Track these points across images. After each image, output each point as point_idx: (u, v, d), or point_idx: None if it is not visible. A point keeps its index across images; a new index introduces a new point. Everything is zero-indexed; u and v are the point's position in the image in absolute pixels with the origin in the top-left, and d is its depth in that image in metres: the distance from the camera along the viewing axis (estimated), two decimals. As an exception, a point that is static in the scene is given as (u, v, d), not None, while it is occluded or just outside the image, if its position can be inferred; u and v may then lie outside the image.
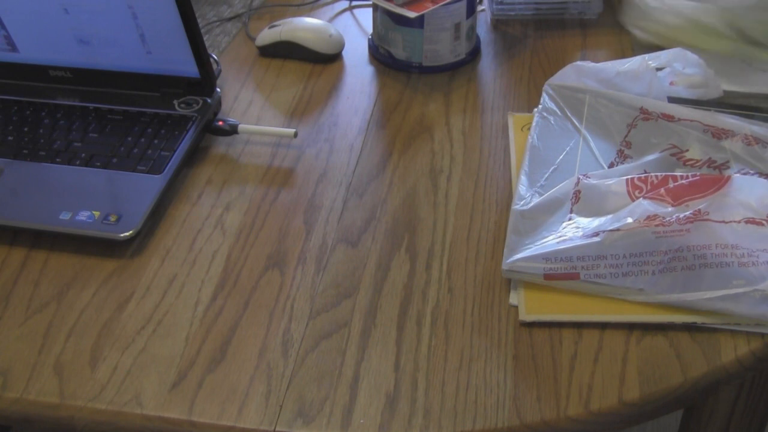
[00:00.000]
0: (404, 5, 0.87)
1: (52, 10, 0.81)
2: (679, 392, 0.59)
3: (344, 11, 1.06)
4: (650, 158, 0.73)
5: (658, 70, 0.82)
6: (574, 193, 0.69)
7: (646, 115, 0.78)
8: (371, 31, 0.98)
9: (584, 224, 0.66)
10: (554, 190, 0.70)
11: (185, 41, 0.80)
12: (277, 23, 0.96)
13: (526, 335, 0.63)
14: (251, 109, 0.88)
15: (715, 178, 0.66)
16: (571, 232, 0.66)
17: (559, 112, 0.80)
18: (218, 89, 0.85)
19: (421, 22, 0.89)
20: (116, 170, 0.76)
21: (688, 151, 0.74)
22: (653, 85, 0.80)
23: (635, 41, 0.93)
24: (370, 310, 0.65)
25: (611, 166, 0.74)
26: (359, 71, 0.94)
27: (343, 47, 0.97)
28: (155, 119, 0.81)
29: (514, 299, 0.65)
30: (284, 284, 0.67)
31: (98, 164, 0.76)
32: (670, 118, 0.77)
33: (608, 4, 1.03)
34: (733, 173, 0.69)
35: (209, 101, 0.83)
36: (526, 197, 0.70)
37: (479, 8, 1.00)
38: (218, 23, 1.03)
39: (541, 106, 0.80)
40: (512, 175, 0.77)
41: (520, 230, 0.68)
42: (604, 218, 0.66)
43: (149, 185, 0.74)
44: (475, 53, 0.96)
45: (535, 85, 0.90)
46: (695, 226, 0.63)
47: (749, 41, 0.86)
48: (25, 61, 0.86)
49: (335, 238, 0.72)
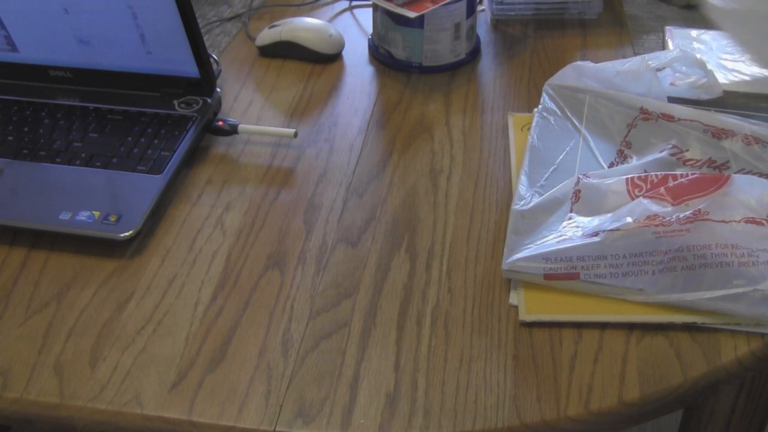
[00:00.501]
0: (404, 5, 0.87)
1: (52, 10, 0.81)
2: (679, 392, 0.59)
3: (344, 11, 1.06)
4: (650, 158, 0.73)
5: (658, 70, 0.82)
6: (573, 192, 0.69)
7: (646, 115, 0.78)
8: (371, 31, 0.98)
9: (584, 223, 0.66)
10: (554, 190, 0.70)
11: (185, 41, 0.80)
12: (277, 23, 0.96)
13: (526, 335, 0.63)
14: (251, 109, 0.88)
15: (715, 177, 0.66)
16: (570, 231, 0.66)
17: (559, 112, 0.80)
18: (218, 89, 0.85)
19: (421, 22, 0.89)
20: (116, 170, 0.76)
21: (688, 151, 0.74)
22: (653, 85, 0.80)
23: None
24: (370, 310, 0.65)
25: (611, 166, 0.74)
26: (359, 71, 0.94)
27: (343, 47, 0.97)
28: (155, 119, 0.81)
29: (514, 299, 0.65)
30: (284, 284, 0.67)
31: (98, 164, 0.76)
32: (670, 118, 0.77)
33: (608, 4, 1.04)
34: (732, 173, 0.69)
35: (209, 101, 0.83)
36: (526, 197, 0.71)
37: (479, 8, 1.00)
38: (218, 23, 1.03)
39: (541, 106, 0.81)
40: (512, 175, 0.77)
41: (520, 230, 0.68)
42: (603, 217, 0.66)
43: (149, 185, 0.74)
44: (475, 53, 0.96)
45: (535, 85, 0.90)
46: (695, 225, 0.63)
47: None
48: (25, 61, 0.86)
49: (335, 238, 0.72)
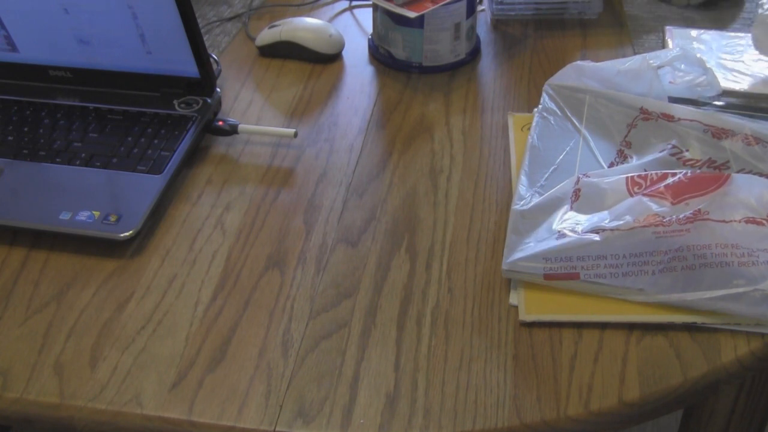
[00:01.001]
0: (404, 5, 0.87)
1: (52, 10, 0.81)
2: (679, 392, 0.59)
3: (344, 11, 1.06)
4: (650, 158, 0.73)
5: (658, 68, 0.82)
6: (574, 191, 0.69)
7: (646, 115, 0.78)
8: (371, 31, 0.98)
9: (583, 220, 0.66)
10: (554, 189, 0.70)
11: (185, 41, 0.80)
12: (277, 23, 0.96)
13: (526, 335, 0.62)
14: (251, 109, 0.88)
15: (715, 176, 0.66)
16: (569, 226, 0.66)
17: (559, 112, 0.80)
18: (218, 89, 0.85)
19: (421, 22, 0.89)
20: (116, 170, 0.76)
21: (688, 151, 0.74)
22: (654, 84, 0.80)
23: None
24: (370, 310, 0.65)
25: (611, 166, 0.74)
26: (359, 71, 0.94)
27: (343, 47, 0.97)
28: (155, 119, 0.81)
29: (514, 299, 0.65)
30: (284, 284, 0.67)
31: (98, 164, 0.76)
32: (670, 118, 0.77)
33: (608, 4, 1.04)
34: (733, 173, 0.69)
35: (209, 101, 0.83)
36: (526, 197, 0.70)
37: (479, 8, 1.00)
38: (218, 23, 1.03)
39: (541, 106, 0.80)
40: (512, 175, 0.77)
41: (520, 230, 0.68)
42: (603, 214, 0.66)
43: (149, 185, 0.74)
44: (475, 53, 0.96)
45: (535, 85, 0.90)
46: (695, 225, 0.63)
47: None
48: (25, 61, 0.86)
49: (335, 238, 0.72)
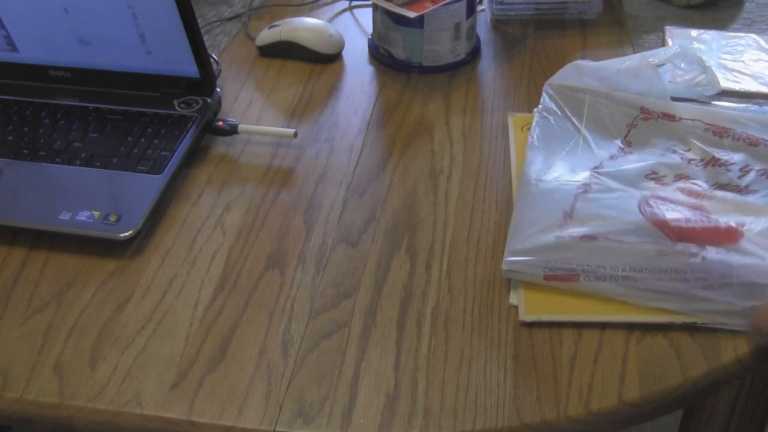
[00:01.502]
0: (404, 5, 0.87)
1: (52, 10, 0.81)
2: (679, 392, 0.59)
3: (344, 11, 1.06)
4: (656, 161, 0.72)
5: (658, 66, 0.82)
6: (582, 186, 0.68)
7: (646, 114, 0.78)
8: (371, 31, 0.98)
9: (586, 222, 0.66)
10: (555, 189, 0.70)
11: (185, 41, 0.80)
12: (277, 23, 0.96)
13: (526, 335, 0.62)
14: (251, 109, 0.88)
15: (728, 231, 0.65)
16: (572, 230, 0.65)
17: (559, 112, 0.79)
18: (218, 89, 0.85)
19: (421, 22, 0.89)
20: (116, 170, 0.76)
21: (689, 150, 0.74)
22: (654, 82, 0.80)
23: None
24: (370, 310, 0.65)
25: (612, 158, 0.73)
26: (359, 71, 0.94)
27: (343, 47, 0.97)
28: (155, 119, 0.81)
29: (514, 299, 0.65)
30: (284, 284, 0.67)
31: (98, 164, 0.76)
32: (671, 117, 0.77)
33: (608, 4, 1.04)
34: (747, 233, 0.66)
35: (209, 101, 0.83)
36: (526, 195, 0.70)
37: (479, 8, 1.00)
38: (218, 23, 1.03)
39: (541, 106, 0.80)
40: (512, 175, 0.77)
41: (520, 230, 0.67)
42: (607, 223, 0.65)
43: (149, 185, 0.74)
44: (475, 53, 0.96)
45: (535, 85, 0.90)
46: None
47: None
48: (25, 61, 0.86)
49: (335, 238, 0.72)
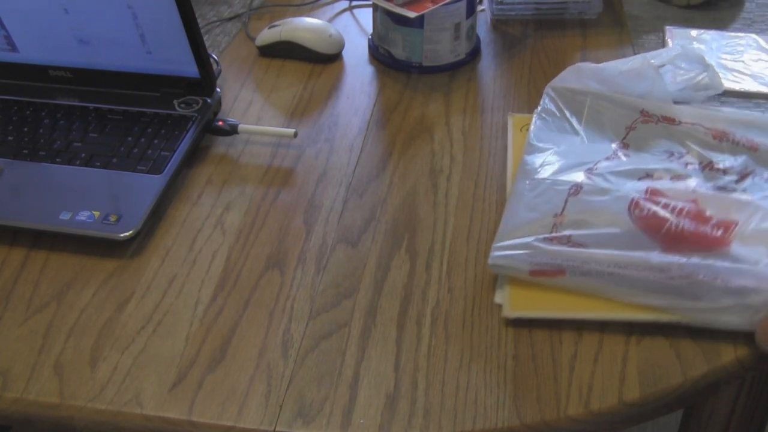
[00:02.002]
0: (404, 5, 0.87)
1: (52, 10, 0.81)
2: (679, 392, 0.59)
3: (344, 11, 1.06)
4: (654, 166, 0.72)
5: (659, 68, 0.82)
6: (573, 186, 0.68)
7: (646, 117, 0.78)
8: (371, 31, 0.98)
9: (574, 225, 0.66)
10: (549, 185, 0.70)
11: (185, 41, 0.80)
12: (277, 23, 0.96)
13: (526, 335, 0.62)
14: (251, 109, 0.88)
15: (716, 239, 0.64)
16: (560, 231, 0.65)
17: (558, 113, 0.79)
18: (218, 89, 0.85)
19: (421, 22, 0.89)
20: (116, 170, 0.76)
21: (688, 153, 0.74)
22: (656, 84, 0.79)
23: None
24: (370, 310, 0.65)
25: (607, 159, 0.73)
26: (359, 71, 0.94)
27: (343, 47, 0.97)
28: (155, 119, 0.81)
29: (498, 298, 0.65)
30: (284, 284, 0.67)
31: (98, 164, 0.76)
32: (671, 120, 0.77)
33: (608, 4, 1.04)
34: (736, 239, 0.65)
35: (209, 101, 0.83)
36: (519, 193, 0.70)
37: (479, 8, 1.00)
38: (218, 23, 1.03)
39: (540, 107, 0.80)
40: (508, 174, 0.77)
41: (509, 226, 0.67)
42: (595, 226, 0.65)
43: (149, 185, 0.74)
44: (475, 53, 0.96)
45: (535, 85, 0.90)
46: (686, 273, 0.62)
47: None
48: (25, 61, 0.86)
49: (335, 238, 0.72)
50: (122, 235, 0.69)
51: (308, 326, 0.64)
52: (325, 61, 0.95)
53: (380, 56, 0.95)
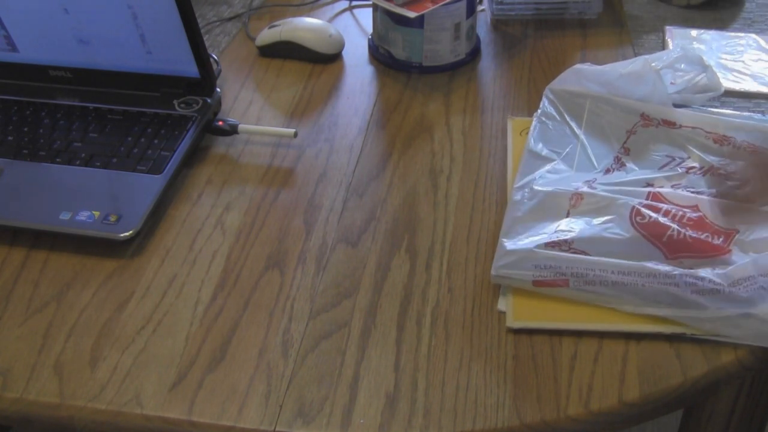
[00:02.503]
0: (404, 5, 0.87)
1: (52, 10, 0.81)
2: (679, 392, 0.59)
3: (344, 11, 1.06)
4: (650, 171, 0.72)
5: (660, 71, 0.82)
6: (574, 195, 0.68)
7: (646, 121, 0.77)
8: (371, 31, 0.98)
9: (577, 230, 0.66)
10: (549, 195, 0.70)
11: (185, 41, 0.80)
12: (277, 23, 0.96)
13: (526, 335, 0.62)
14: (251, 109, 0.88)
15: (717, 246, 0.65)
16: (563, 237, 0.65)
17: (558, 116, 0.79)
18: (218, 89, 0.85)
19: (421, 22, 0.89)
20: (116, 170, 0.76)
21: (689, 158, 0.74)
22: (657, 86, 0.79)
23: None
24: (370, 310, 0.65)
25: (607, 171, 0.73)
26: (359, 71, 0.94)
27: (343, 47, 0.97)
28: (155, 119, 0.81)
29: (502, 305, 0.64)
30: (284, 284, 0.67)
31: (98, 164, 0.76)
32: (671, 124, 0.77)
33: (608, 4, 1.04)
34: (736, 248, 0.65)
35: (209, 101, 0.83)
36: (519, 202, 0.70)
37: (479, 8, 1.00)
38: (218, 23, 1.03)
39: (540, 110, 0.80)
40: (508, 179, 0.77)
41: (512, 235, 0.67)
42: (597, 236, 0.65)
43: (149, 185, 0.74)
44: (475, 53, 0.96)
45: (535, 85, 0.90)
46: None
47: None
48: (25, 61, 0.86)
49: (335, 238, 0.72)
50: (122, 235, 0.69)
51: (308, 326, 0.64)
52: (325, 61, 0.95)
53: (380, 56, 0.95)
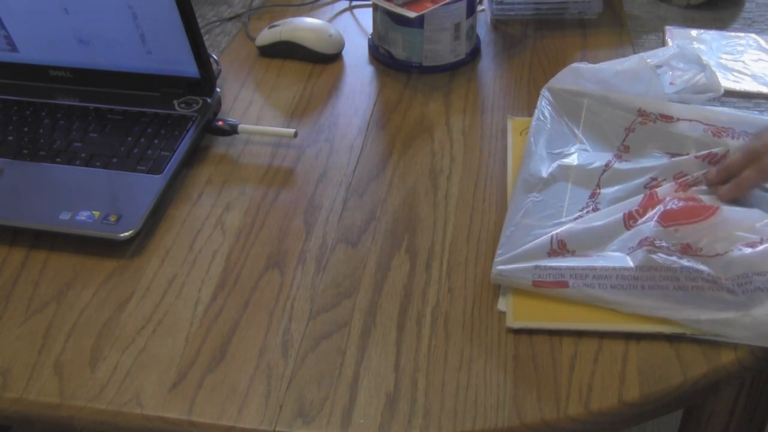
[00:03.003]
0: (404, 5, 0.87)
1: (52, 10, 0.81)
2: (679, 392, 0.59)
3: (344, 11, 1.06)
4: (650, 170, 0.72)
5: (657, 67, 0.82)
6: (575, 196, 0.68)
7: (644, 117, 0.77)
8: (371, 31, 0.98)
9: (576, 245, 0.66)
10: (549, 196, 0.70)
11: (185, 41, 0.80)
12: (277, 23, 0.96)
13: (526, 335, 0.62)
14: (251, 109, 0.88)
15: (704, 207, 0.65)
16: (563, 239, 0.65)
17: (556, 116, 0.79)
18: (218, 89, 0.85)
19: (421, 22, 0.89)
20: (116, 170, 0.76)
21: (688, 154, 0.74)
22: (653, 83, 0.79)
23: None
24: (370, 310, 0.65)
25: (607, 166, 0.73)
26: (359, 71, 0.94)
27: (343, 47, 0.97)
28: (155, 119, 0.81)
29: (502, 305, 0.64)
30: (284, 284, 0.67)
31: (98, 164, 0.76)
32: (668, 119, 0.77)
33: (608, 4, 1.04)
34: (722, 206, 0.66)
35: (209, 101, 0.83)
36: (520, 204, 0.70)
37: (479, 8, 1.00)
38: (218, 23, 1.03)
39: (537, 111, 0.80)
40: (508, 181, 0.77)
41: (512, 236, 0.67)
42: (597, 238, 0.66)
43: (149, 185, 0.74)
44: (475, 53, 0.96)
45: (534, 85, 0.90)
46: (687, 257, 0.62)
47: None
48: (25, 61, 0.86)
49: (335, 238, 0.72)
50: (122, 235, 0.69)
51: (308, 326, 0.64)
52: (325, 61, 0.95)
53: (380, 56, 0.95)
